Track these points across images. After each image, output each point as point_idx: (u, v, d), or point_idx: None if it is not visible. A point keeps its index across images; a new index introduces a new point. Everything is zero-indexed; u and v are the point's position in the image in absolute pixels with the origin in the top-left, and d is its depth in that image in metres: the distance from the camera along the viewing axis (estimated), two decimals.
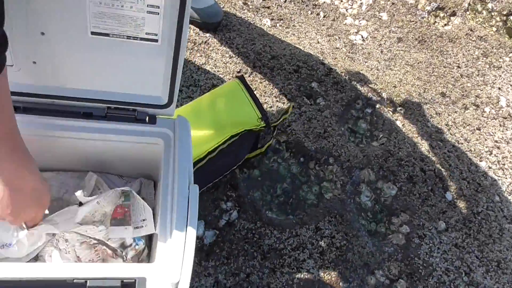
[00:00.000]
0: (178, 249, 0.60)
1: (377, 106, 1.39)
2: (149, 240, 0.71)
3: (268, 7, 1.61)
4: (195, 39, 1.38)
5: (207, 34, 1.39)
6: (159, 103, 0.71)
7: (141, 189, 0.84)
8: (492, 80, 1.63)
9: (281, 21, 1.56)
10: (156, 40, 0.61)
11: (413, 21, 1.76)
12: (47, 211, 0.64)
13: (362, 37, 1.66)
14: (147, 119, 0.73)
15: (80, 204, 0.66)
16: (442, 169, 1.28)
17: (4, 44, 0.45)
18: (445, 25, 1.81)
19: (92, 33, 0.58)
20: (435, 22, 1.81)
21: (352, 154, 1.23)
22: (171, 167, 0.70)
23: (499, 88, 1.61)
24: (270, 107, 1.26)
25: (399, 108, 1.42)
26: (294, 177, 1.17)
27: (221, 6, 1.46)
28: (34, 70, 0.62)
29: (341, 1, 1.76)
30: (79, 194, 0.63)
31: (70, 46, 0.60)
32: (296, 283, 1.01)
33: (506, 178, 1.33)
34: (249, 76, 1.30)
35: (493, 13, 1.88)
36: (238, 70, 1.30)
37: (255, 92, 0.99)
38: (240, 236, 1.05)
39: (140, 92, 0.70)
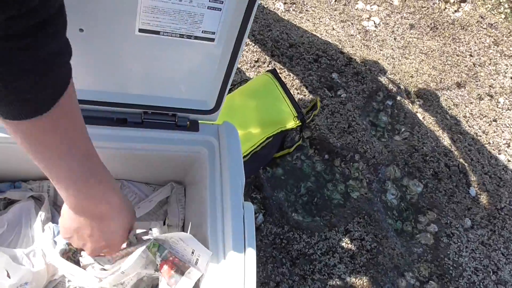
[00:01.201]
0: (237, 278, 0.53)
1: (397, 98, 1.33)
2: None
3: None
4: None
5: None
6: (204, 108, 0.61)
7: (172, 194, 0.75)
8: (504, 69, 1.61)
9: (294, 5, 1.46)
10: (213, 40, 0.51)
11: (424, 6, 1.70)
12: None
13: (374, 23, 1.58)
14: (188, 125, 0.63)
15: None
16: (465, 164, 1.26)
17: (69, 52, 0.36)
18: (456, 11, 1.76)
19: (140, 30, 0.48)
20: (446, 8, 1.76)
21: (377, 150, 1.17)
22: (218, 181, 0.61)
23: (511, 78, 1.59)
24: None
25: (418, 99, 1.38)
26: (318, 175, 1.11)
27: None
28: None
29: None
30: (96, 273, 0.55)
31: (111, 45, 0.49)
32: None
33: None
34: (267, 66, 1.20)
35: (501, 0, 1.85)
36: (256, 59, 1.20)
37: None
38: (267, 241, 0.99)
39: (182, 96, 0.60)
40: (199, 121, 0.65)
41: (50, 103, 0.35)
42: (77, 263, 0.58)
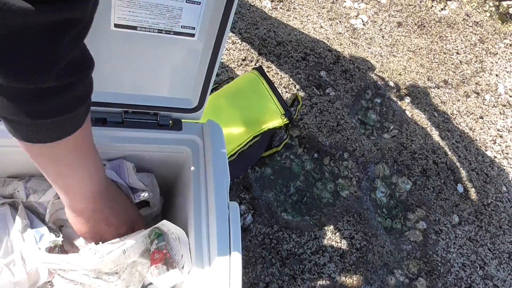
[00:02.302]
0: (222, 283, 0.51)
1: (386, 95, 1.33)
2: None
3: None
4: None
5: None
6: (187, 106, 0.60)
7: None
8: (490, 67, 1.62)
9: (281, 3, 1.45)
10: (193, 35, 0.50)
11: (411, 4, 1.70)
12: None
13: (362, 21, 1.58)
14: (170, 124, 0.62)
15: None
16: (453, 161, 1.26)
17: (91, 91, 0.40)
18: (442, 9, 1.77)
19: (116, 25, 0.46)
20: (432, 6, 1.77)
21: (366, 148, 1.17)
22: (202, 181, 0.60)
23: (497, 75, 1.60)
24: None
25: (406, 97, 1.38)
26: (308, 175, 1.10)
27: None
28: None
29: None
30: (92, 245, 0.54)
31: (86, 41, 0.47)
32: None
33: (510, 167, 1.33)
34: (255, 64, 1.19)
35: None
36: (243, 58, 1.19)
37: None
38: (256, 242, 0.97)
39: (164, 94, 0.59)
40: (182, 120, 0.63)
41: (73, 130, 0.39)
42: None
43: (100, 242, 0.54)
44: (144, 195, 0.61)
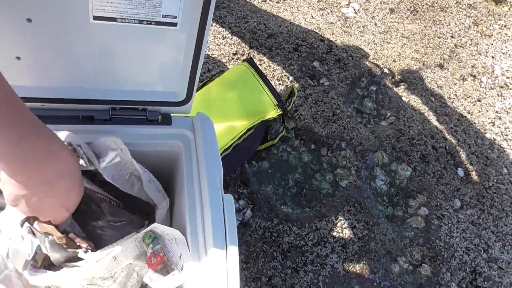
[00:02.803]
0: (220, 276, 0.50)
1: (381, 83, 1.31)
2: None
3: None
4: None
5: None
6: (175, 99, 0.59)
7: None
8: (485, 49, 1.60)
9: None
10: (175, 24, 0.49)
11: None
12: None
13: (354, 9, 1.57)
14: (159, 119, 0.61)
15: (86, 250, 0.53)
16: (452, 145, 1.25)
17: None
18: None
19: (95, 17, 0.45)
20: None
21: (363, 136, 1.16)
22: (195, 175, 0.59)
23: (493, 57, 1.59)
24: None
25: (402, 83, 1.36)
26: (306, 166, 1.09)
27: None
28: (18, 67, 0.48)
29: None
30: (82, 254, 0.51)
31: (65, 35, 0.46)
32: (322, 281, 0.94)
33: (510, 149, 1.32)
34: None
35: None
36: (234, 52, 1.17)
37: None
38: (257, 236, 0.96)
39: (151, 88, 0.57)
40: (172, 115, 0.62)
41: None
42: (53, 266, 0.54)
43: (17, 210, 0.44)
44: (112, 158, 0.52)
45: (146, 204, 0.63)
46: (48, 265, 0.54)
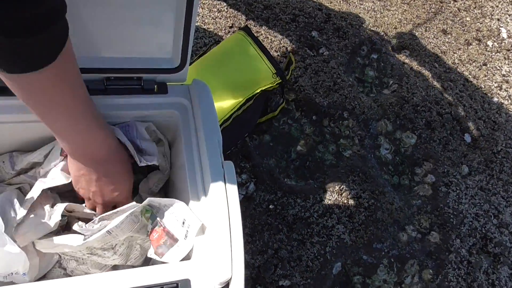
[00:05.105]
0: (223, 241, 0.49)
1: (383, 50, 1.28)
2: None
3: None
4: None
5: None
6: (169, 66, 0.56)
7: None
8: (490, 11, 1.55)
9: None
10: None
11: None
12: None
13: None
14: (155, 88, 0.59)
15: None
16: (458, 111, 1.22)
17: (65, 5, 0.37)
18: None
19: None
20: None
21: (366, 105, 1.13)
22: (194, 143, 0.57)
23: (498, 20, 1.54)
24: None
25: (404, 50, 1.33)
26: (308, 138, 1.07)
27: None
28: None
29: None
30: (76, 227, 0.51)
31: None
32: (329, 252, 0.94)
33: None
34: None
35: None
36: (231, 25, 1.14)
37: None
38: (261, 209, 0.95)
39: (144, 55, 0.55)
40: (168, 83, 0.60)
41: (55, 54, 0.38)
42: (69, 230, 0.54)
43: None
44: (153, 161, 0.57)
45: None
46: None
